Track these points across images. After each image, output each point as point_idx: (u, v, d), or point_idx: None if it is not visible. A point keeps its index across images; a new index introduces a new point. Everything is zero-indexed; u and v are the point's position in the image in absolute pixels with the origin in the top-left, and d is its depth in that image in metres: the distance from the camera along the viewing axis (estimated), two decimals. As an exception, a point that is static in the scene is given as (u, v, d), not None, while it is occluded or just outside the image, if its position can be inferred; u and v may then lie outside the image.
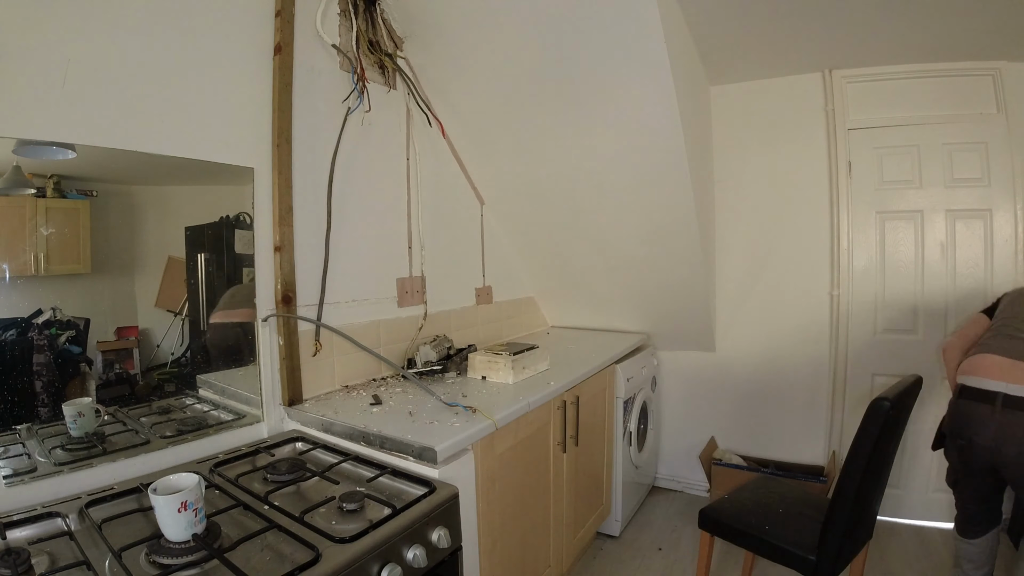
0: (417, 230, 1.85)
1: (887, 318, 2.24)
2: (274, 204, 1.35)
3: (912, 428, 2.09)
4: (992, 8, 1.66)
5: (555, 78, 1.69)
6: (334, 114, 1.51)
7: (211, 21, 1.22)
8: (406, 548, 0.88)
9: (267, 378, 1.35)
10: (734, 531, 1.48)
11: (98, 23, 1.03)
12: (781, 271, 2.39)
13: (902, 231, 2.19)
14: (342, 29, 1.55)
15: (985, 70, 2.03)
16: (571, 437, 1.70)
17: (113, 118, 1.05)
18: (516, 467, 1.39)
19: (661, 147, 1.74)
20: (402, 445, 1.12)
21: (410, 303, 1.83)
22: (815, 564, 1.32)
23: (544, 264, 2.45)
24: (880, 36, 1.91)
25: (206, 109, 1.22)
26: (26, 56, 0.93)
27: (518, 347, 1.66)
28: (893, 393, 1.25)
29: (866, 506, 1.36)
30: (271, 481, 1.07)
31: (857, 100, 2.20)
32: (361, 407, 1.36)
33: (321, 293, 1.48)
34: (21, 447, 0.96)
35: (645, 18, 1.42)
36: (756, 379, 2.48)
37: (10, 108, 0.92)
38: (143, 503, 0.96)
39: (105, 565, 0.77)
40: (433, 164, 1.93)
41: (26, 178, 0.97)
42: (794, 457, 2.42)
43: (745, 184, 2.41)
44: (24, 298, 0.97)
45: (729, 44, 2.02)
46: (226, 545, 0.81)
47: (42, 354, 1.00)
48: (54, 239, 1.00)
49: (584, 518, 1.88)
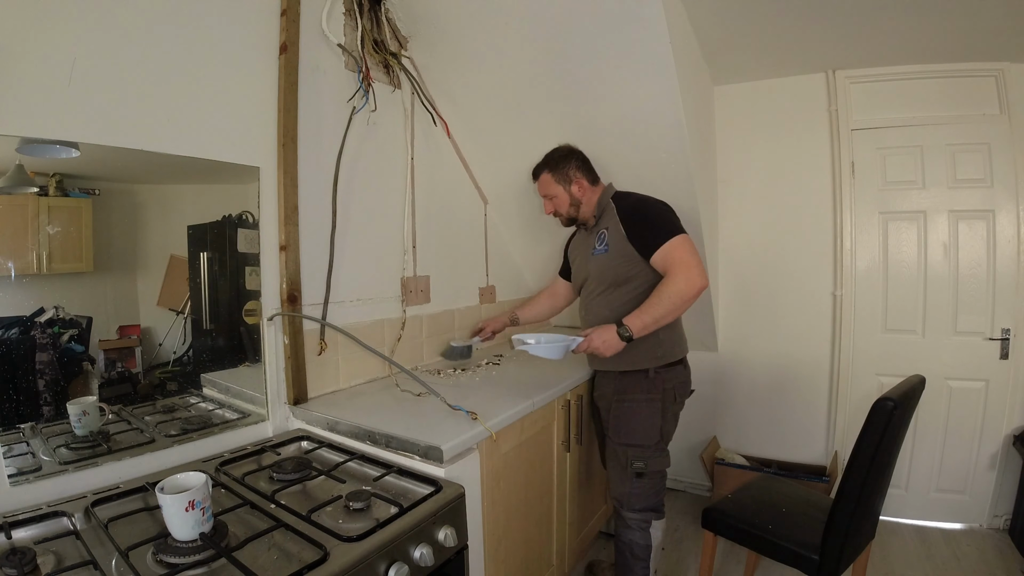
0: (421, 229, 1.84)
1: (890, 318, 2.24)
2: (279, 203, 1.35)
3: (915, 428, 2.10)
4: (995, 9, 1.66)
5: (559, 78, 1.69)
6: (339, 113, 1.50)
7: (217, 20, 1.22)
8: (413, 547, 0.88)
9: (272, 377, 1.35)
10: (737, 530, 1.48)
11: (104, 22, 1.02)
12: (784, 271, 2.39)
13: (905, 232, 2.19)
14: (347, 28, 1.54)
15: (988, 71, 2.03)
16: (574, 436, 1.70)
17: (118, 117, 1.05)
18: (520, 466, 1.39)
19: (665, 147, 1.74)
20: (408, 444, 1.12)
21: (414, 302, 1.82)
22: (818, 563, 1.32)
23: (547, 264, 2.45)
24: (883, 37, 1.91)
25: (211, 108, 1.21)
26: (31, 55, 0.93)
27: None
28: (897, 393, 1.26)
29: (869, 506, 1.36)
30: (277, 480, 1.07)
31: (860, 101, 2.20)
32: (366, 405, 1.36)
33: (326, 292, 1.48)
34: (25, 446, 0.95)
35: (650, 19, 1.42)
36: (759, 379, 2.48)
37: (15, 106, 0.91)
38: (149, 502, 0.96)
39: (112, 564, 0.77)
40: (437, 163, 1.93)
41: (29, 176, 0.97)
42: (797, 457, 2.42)
43: (748, 184, 2.41)
44: (27, 296, 0.97)
45: (733, 44, 2.02)
46: (233, 544, 0.81)
47: (45, 353, 0.99)
48: (56, 238, 1.00)
49: (587, 517, 1.88)
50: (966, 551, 2.01)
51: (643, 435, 1.51)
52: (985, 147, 2.06)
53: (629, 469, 1.52)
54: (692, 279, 1.36)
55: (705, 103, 2.23)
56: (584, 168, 1.62)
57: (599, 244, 1.57)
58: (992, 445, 2.12)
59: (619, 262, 1.51)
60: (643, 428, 1.52)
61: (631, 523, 1.56)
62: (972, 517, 2.17)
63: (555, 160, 1.61)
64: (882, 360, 2.25)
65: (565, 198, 1.61)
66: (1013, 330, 2.06)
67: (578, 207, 1.62)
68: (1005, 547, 2.02)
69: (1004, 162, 2.03)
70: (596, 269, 1.57)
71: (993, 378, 2.11)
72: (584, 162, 1.63)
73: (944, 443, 2.19)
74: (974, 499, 2.17)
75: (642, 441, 1.51)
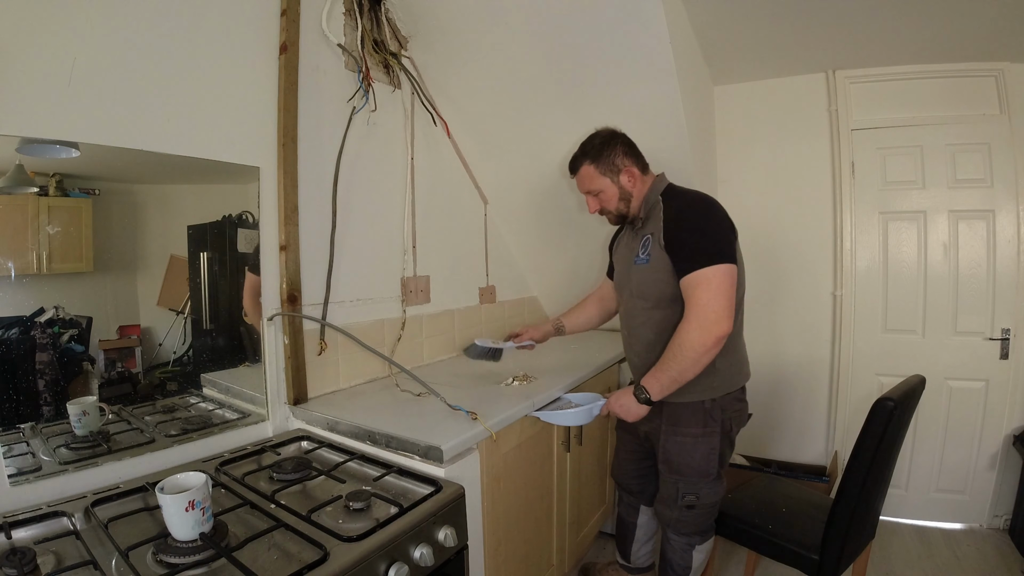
0: (421, 229, 1.84)
1: (890, 318, 2.24)
2: (279, 203, 1.35)
3: (915, 428, 2.10)
4: (995, 9, 1.66)
5: (559, 78, 1.69)
6: (339, 113, 1.50)
7: (217, 20, 1.22)
8: (413, 547, 0.88)
9: (272, 377, 1.35)
10: (737, 530, 1.48)
11: (104, 22, 1.02)
12: (784, 271, 2.39)
13: (905, 232, 2.19)
14: (347, 28, 1.54)
15: (988, 71, 2.03)
16: (574, 436, 1.70)
17: (118, 117, 1.05)
18: (520, 466, 1.39)
19: (665, 146, 1.74)
20: (408, 444, 1.12)
21: (414, 302, 1.82)
22: (818, 563, 1.32)
23: (547, 264, 2.45)
24: (883, 37, 1.91)
25: (211, 108, 1.21)
26: (32, 54, 0.93)
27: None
28: (897, 393, 1.26)
29: (869, 506, 1.36)
30: (277, 480, 1.07)
31: (860, 101, 2.20)
32: (366, 405, 1.36)
33: (326, 292, 1.48)
34: (25, 446, 0.95)
35: (650, 19, 1.42)
36: (759, 379, 2.46)
37: (15, 106, 0.91)
38: (149, 502, 0.96)
39: (112, 564, 0.77)
40: (437, 163, 1.93)
41: (29, 176, 0.97)
42: (797, 457, 2.42)
43: (748, 184, 2.41)
44: (27, 296, 0.97)
45: (733, 45, 2.02)
46: (233, 544, 0.81)
47: (45, 352, 0.99)
48: (56, 238, 1.00)
49: (587, 517, 1.88)
50: (966, 551, 2.02)
51: (699, 470, 1.34)
52: (985, 147, 2.06)
53: (680, 501, 1.37)
54: (707, 328, 1.16)
55: (705, 103, 2.23)
56: (632, 153, 1.37)
57: (642, 252, 1.33)
58: (992, 445, 2.12)
59: (662, 277, 1.28)
60: (699, 463, 1.34)
61: (673, 543, 1.42)
62: (972, 517, 2.18)
63: (597, 147, 1.35)
64: (882, 360, 2.25)
65: (614, 192, 1.35)
66: (1013, 330, 2.06)
67: (628, 201, 1.36)
68: (1005, 547, 2.02)
69: (1004, 162, 2.03)
70: (638, 282, 1.36)
71: (993, 378, 2.11)
72: (631, 146, 1.37)
73: (944, 443, 2.19)
74: (974, 499, 2.17)
75: (698, 476, 1.35)
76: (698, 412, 1.32)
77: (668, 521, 1.41)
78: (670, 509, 1.40)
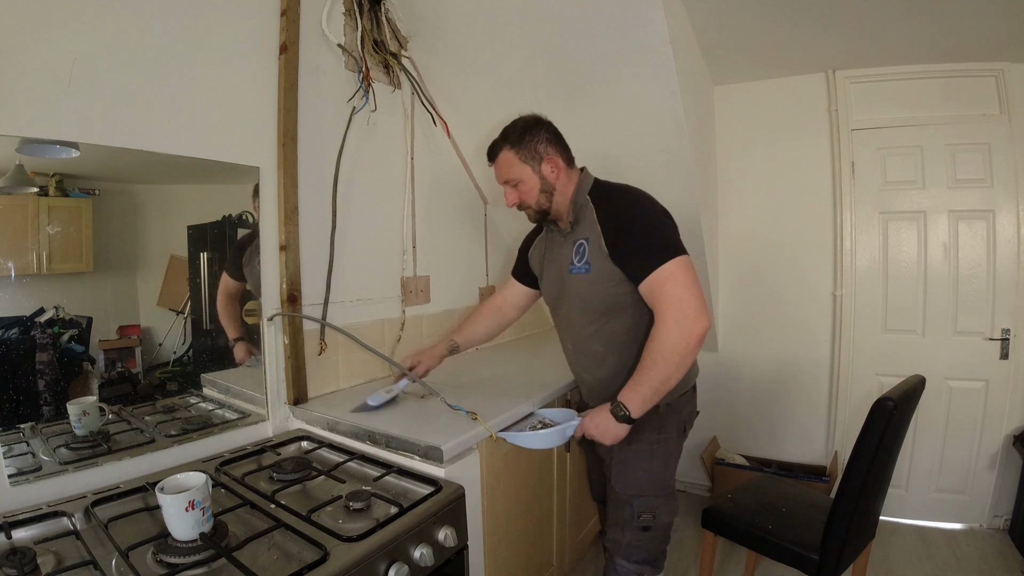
0: (421, 229, 1.84)
1: (890, 318, 2.24)
2: (279, 203, 1.35)
3: (915, 428, 2.10)
4: (995, 9, 1.66)
5: (558, 78, 1.69)
6: (339, 114, 1.50)
7: (217, 21, 1.22)
8: (413, 547, 0.88)
9: (272, 377, 1.35)
10: (737, 530, 1.48)
11: (104, 22, 1.02)
12: (784, 271, 2.39)
13: (905, 232, 2.19)
14: (347, 28, 1.54)
15: (988, 71, 2.03)
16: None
17: (118, 117, 1.05)
18: (520, 466, 1.39)
19: (665, 147, 1.74)
20: (408, 444, 1.12)
21: (414, 302, 1.82)
22: (818, 563, 1.32)
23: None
24: (883, 37, 1.91)
25: (211, 108, 1.21)
26: (31, 55, 0.93)
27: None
28: (897, 393, 1.26)
29: (869, 506, 1.36)
30: (277, 480, 1.07)
31: (860, 101, 2.20)
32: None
33: (326, 292, 1.48)
34: (25, 446, 0.96)
35: (650, 19, 1.42)
36: (759, 379, 2.48)
37: (15, 107, 0.91)
38: (149, 502, 0.96)
39: (112, 564, 0.77)
40: (437, 163, 1.93)
41: (29, 177, 0.97)
42: (796, 457, 2.42)
43: (748, 184, 2.41)
44: (27, 296, 0.97)
45: (733, 45, 2.02)
46: (233, 544, 0.81)
47: (45, 352, 0.99)
48: (56, 238, 1.00)
49: (587, 517, 1.88)
50: (966, 551, 2.02)
51: (654, 484, 1.27)
52: (985, 147, 2.06)
53: (635, 522, 1.27)
54: (686, 326, 1.06)
55: (705, 103, 2.23)
56: (557, 143, 1.25)
57: (578, 260, 1.23)
58: (992, 445, 2.12)
59: (606, 286, 1.19)
60: (654, 477, 1.27)
61: (621, 572, 1.30)
62: (972, 517, 2.18)
63: (519, 132, 1.23)
64: (882, 360, 2.25)
65: (535, 182, 1.23)
66: (1013, 330, 2.06)
67: (551, 195, 1.24)
68: (1005, 547, 2.02)
69: (1004, 162, 2.03)
70: (578, 293, 1.25)
71: (993, 378, 2.11)
72: (556, 136, 1.26)
73: (944, 443, 2.19)
74: (974, 499, 2.17)
75: (653, 491, 1.27)
76: (652, 418, 1.21)
77: (619, 547, 1.30)
78: (623, 532, 1.29)
